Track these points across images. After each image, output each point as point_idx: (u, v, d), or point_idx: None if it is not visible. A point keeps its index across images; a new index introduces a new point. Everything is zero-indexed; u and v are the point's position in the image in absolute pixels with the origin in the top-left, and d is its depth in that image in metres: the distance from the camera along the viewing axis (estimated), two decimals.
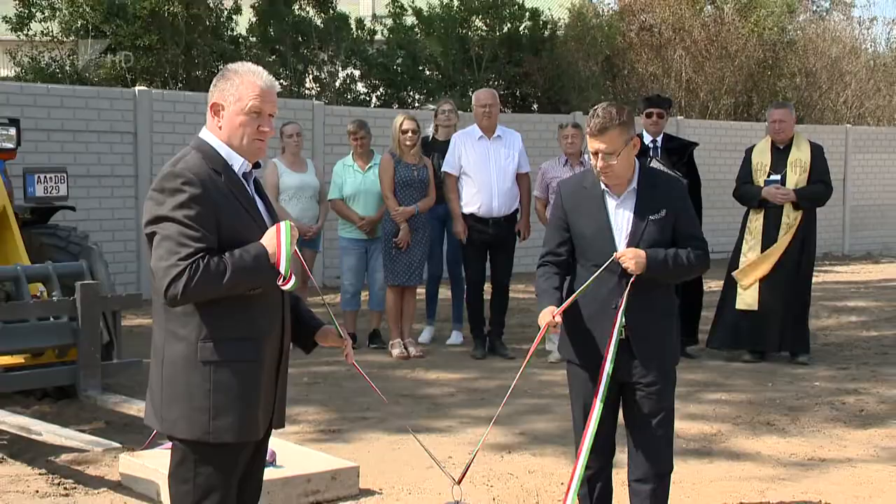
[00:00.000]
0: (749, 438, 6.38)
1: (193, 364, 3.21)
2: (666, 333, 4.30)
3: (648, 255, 4.15)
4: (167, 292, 3.12)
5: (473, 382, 7.93)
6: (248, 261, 3.18)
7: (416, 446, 6.08)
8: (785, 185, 8.38)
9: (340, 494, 5.05)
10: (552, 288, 4.32)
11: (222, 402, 3.21)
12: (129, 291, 9.47)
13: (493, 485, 5.33)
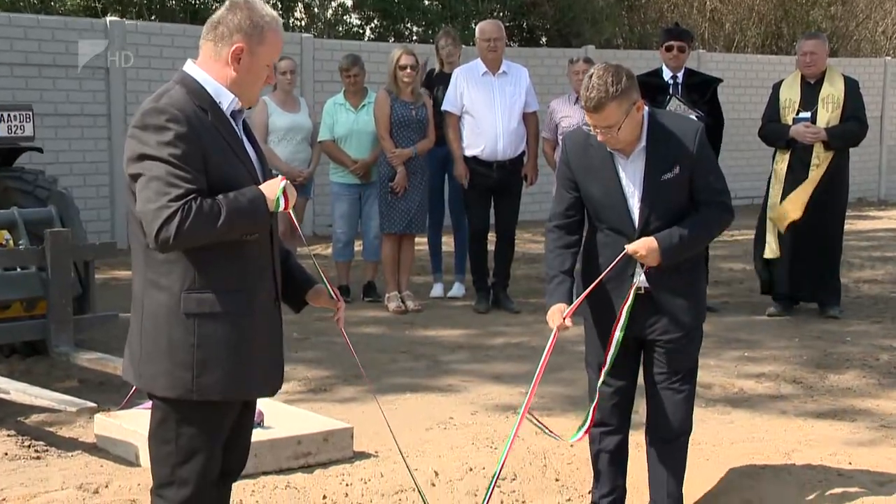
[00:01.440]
0: (773, 398, 6.43)
1: (176, 316, 3.23)
2: (691, 288, 4.32)
3: (661, 244, 4.13)
4: (158, 236, 3.13)
5: (476, 338, 7.97)
6: (244, 204, 3.19)
7: (415, 406, 6.17)
8: (815, 123, 8.36)
9: (333, 457, 5.11)
10: (561, 273, 4.30)
11: (207, 358, 3.23)
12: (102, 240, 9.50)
13: (497, 447, 5.38)
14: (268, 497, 4.59)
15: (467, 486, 5.00)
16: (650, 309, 4.27)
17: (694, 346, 4.37)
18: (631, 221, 4.21)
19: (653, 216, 4.18)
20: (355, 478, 4.91)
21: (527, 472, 5.15)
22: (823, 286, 8.56)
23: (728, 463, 5.11)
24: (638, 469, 4.72)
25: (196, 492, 3.31)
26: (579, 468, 5.23)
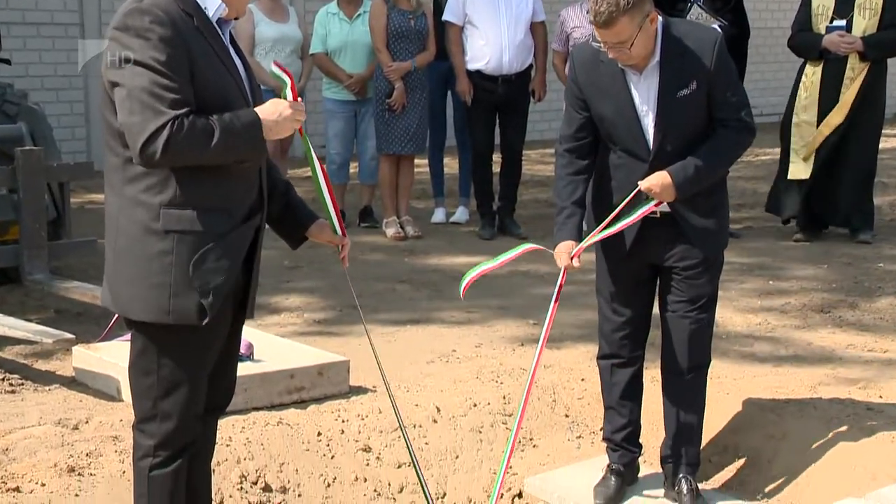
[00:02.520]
0: (799, 328, 6.45)
1: (154, 234, 3.22)
2: (713, 210, 4.30)
3: (675, 178, 4.10)
4: (144, 150, 3.11)
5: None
6: (239, 127, 3.18)
7: (416, 338, 6.19)
8: (851, 31, 8.27)
9: (328, 392, 5.14)
10: (571, 204, 4.27)
11: (185, 279, 3.24)
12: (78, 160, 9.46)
13: (503, 381, 5.41)
14: (258, 434, 4.63)
15: (471, 422, 5.04)
16: (668, 234, 4.25)
17: (714, 273, 4.36)
18: (645, 143, 4.18)
19: (668, 137, 4.15)
20: (352, 414, 4.94)
21: (534, 407, 5.18)
22: (855, 208, 8.54)
23: (750, 397, 5.14)
24: (653, 404, 4.75)
25: (180, 426, 3.33)
26: (590, 403, 5.27)
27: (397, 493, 4.69)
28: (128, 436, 4.31)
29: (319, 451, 4.69)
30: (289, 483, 4.50)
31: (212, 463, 3.71)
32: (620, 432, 4.55)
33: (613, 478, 4.56)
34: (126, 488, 4.01)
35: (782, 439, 4.83)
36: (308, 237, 3.66)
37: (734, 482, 4.79)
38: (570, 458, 5.00)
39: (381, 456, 4.78)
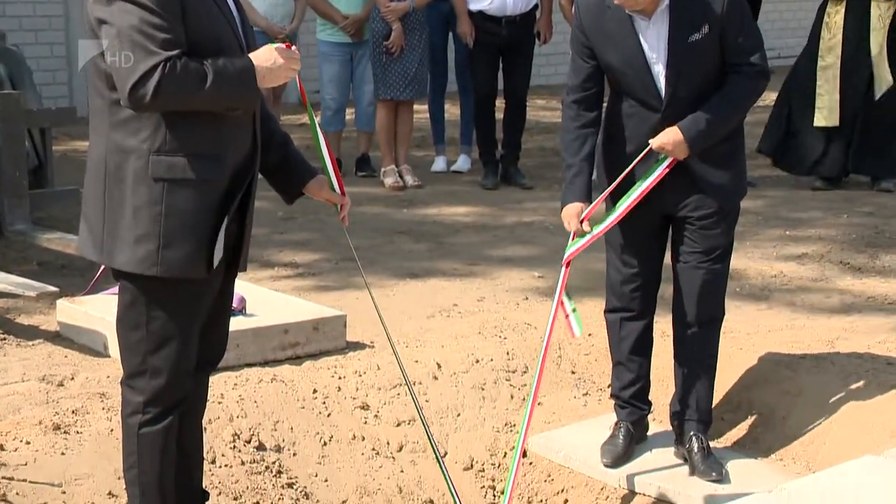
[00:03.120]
0: (817, 280, 6.47)
1: (143, 181, 3.23)
2: (730, 157, 4.30)
3: (687, 134, 4.10)
4: (133, 92, 3.11)
5: (483, 217, 7.99)
6: (232, 72, 3.19)
7: (416, 292, 6.21)
8: None
9: (324, 348, 5.16)
10: (579, 161, 4.26)
11: (175, 229, 3.24)
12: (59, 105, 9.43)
13: (506, 336, 5.43)
14: (252, 391, 4.65)
15: (473, 378, 5.07)
16: (682, 183, 4.25)
17: (730, 224, 4.37)
18: (657, 92, 4.17)
19: (681, 85, 4.14)
20: (348, 370, 4.96)
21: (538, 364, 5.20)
22: (877, 156, 8.52)
23: (764, 352, 5.16)
24: (663, 360, 4.77)
25: (170, 382, 3.36)
26: (597, 360, 5.29)
27: (396, 451, 4.72)
28: (115, 392, 4.34)
29: (315, 408, 4.71)
30: (283, 442, 4.53)
31: (203, 421, 3.73)
32: (629, 389, 4.58)
33: (621, 436, 4.60)
34: (114, 446, 4.04)
35: (798, 396, 4.86)
36: (305, 193, 3.65)
37: (747, 440, 4.82)
38: (577, 415, 5.03)
39: (380, 414, 4.80)
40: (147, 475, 3.42)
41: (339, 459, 4.59)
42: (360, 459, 4.62)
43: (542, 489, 4.75)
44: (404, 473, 4.66)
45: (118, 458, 3.69)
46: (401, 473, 4.65)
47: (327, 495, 4.45)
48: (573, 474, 4.70)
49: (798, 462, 4.63)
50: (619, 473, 4.55)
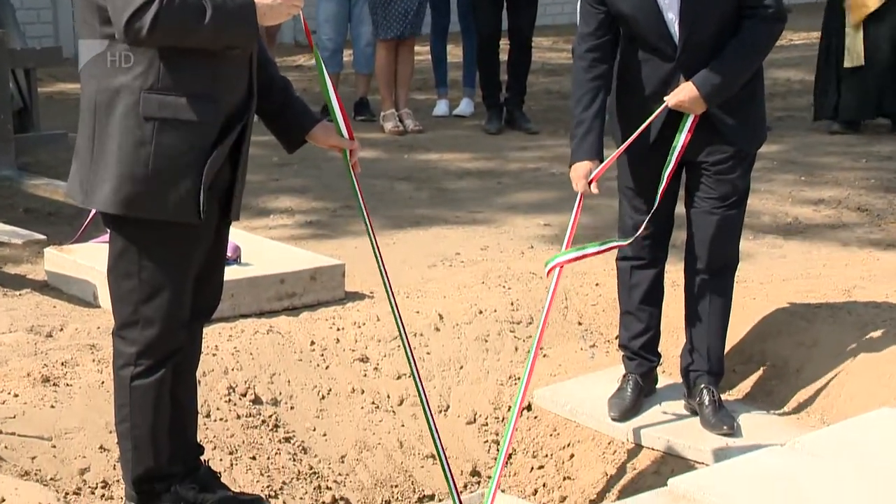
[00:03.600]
0: (834, 227, 6.48)
1: (133, 120, 3.23)
2: (747, 103, 4.27)
3: (702, 89, 4.09)
4: (130, 25, 3.10)
5: (487, 163, 7.99)
6: (232, 7, 3.18)
7: (417, 241, 6.23)
8: None
9: (322, 298, 5.18)
10: (591, 116, 4.23)
11: (163, 171, 3.24)
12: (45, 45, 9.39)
13: (510, 287, 5.44)
14: (247, 343, 4.67)
15: (476, 330, 5.09)
16: (698, 126, 4.23)
17: (746, 168, 4.37)
18: (670, 39, 4.15)
19: (695, 31, 4.12)
20: (347, 322, 4.98)
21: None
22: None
23: (779, 302, 5.17)
24: (673, 310, 4.78)
25: (163, 332, 3.37)
26: (605, 310, 5.31)
27: (397, 405, 4.74)
28: (106, 344, 4.36)
29: (313, 361, 4.74)
30: (280, 395, 4.55)
31: (197, 373, 3.76)
32: (638, 339, 4.59)
33: (629, 389, 4.62)
34: (105, 399, 4.06)
35: (813, 346, 4.87)
36: (309, 141, 3.64)
37: (760, 393, 4.84)
38: (583, 368, 5.05)
39: (380, 366, 4.83)
40: (140, 429, 3.45)
41: (337, 413, 4.62)
42: (359, 413, 4.65)
43: (546, 444, 4.78)
44: (405, 428, 4.68)
45: (110, 411, 3.71)
46: (401, 428, 4.68)
47: (325, 450, 4.48)
48: (579, 428, 4.72)
49: (812, 415, 4.66)
50: (626, 427, 4.57)
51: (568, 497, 4.64)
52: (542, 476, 4.73)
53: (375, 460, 4.54)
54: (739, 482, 3.61)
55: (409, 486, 4.56)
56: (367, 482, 4.47)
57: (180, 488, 3.56)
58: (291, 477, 4.31)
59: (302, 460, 4.39)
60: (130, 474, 3.50)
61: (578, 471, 4.68)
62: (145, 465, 3.47)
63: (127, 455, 3.50)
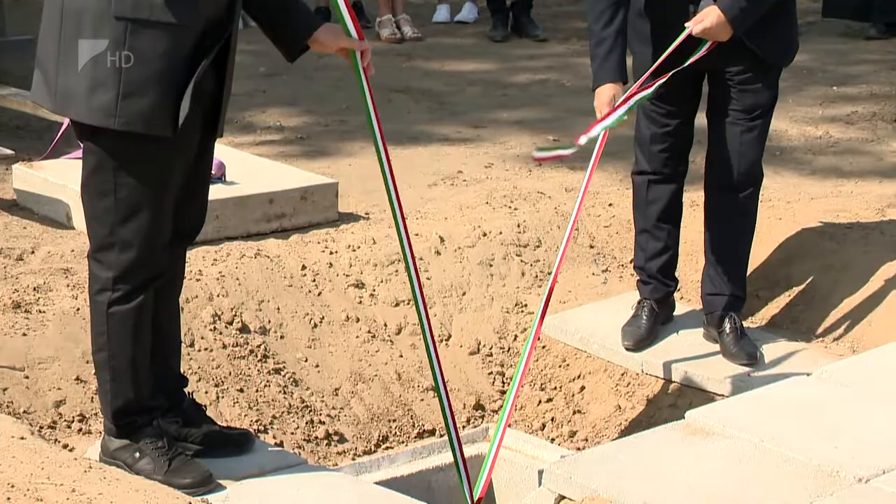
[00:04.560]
0: (867, 141, 6.46)
1: (105, 20, 3.22)
2: (777, 15, 4.25)
3: (728, 13, 4.07)
4: None
5: (492, 74, 7.96)
6: None
7: (416, 158, 6.22)
8: None
9: (313, 219, 5.19)
10: (613, 32, 4.19)
11: (137, 77, 3.24)
12: None
13: (517, 207, 5.45)
14: (233, 267, 4.69)
15: (480, 253, 5.10)
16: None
17: (773, 79, 4.37)
18: None
19: None
20: (341, 245, 5.00)
21: (554, 237, 5.23)
22: None
23: (806, 222, 5.18)
24: (692, 232, 4.81)
25: (142, 256, 3.38)
26: (619, 232, 5.32)
27: (394, 334, 4.78)
28: (80, 268, 4.38)
29: (304, 287, 4.76)
30: (269, 323, 4.58)
31: (180, 300, 3.78)
32: (655, 261, 4.60)
33: (644, 316, 4.64)
34: (81, 327, 4.10)
35: (842, 270, 4.89)
36: (312, 47, 3.58)
37: (785, 320, 4.87)
38: (595, 294, 5.07)
39: (376, 292, 4.85)
40: (118, 359, 3.47)
41: (330, 343, 4.65)
42: (354, 343, 4.68)
43: (555, 375, 4.81)
44: (403, 358, 4.72)
45: (86, 339, 3.74)
46: (399, 358, 4.72)
47: (318, 382, 4.52)
48: (591, 359, 4.76)
49: (841, 343, 4.69)
50: (641, 357, 4.61)
51: (578, 432, 4.68)
52: (550, 410, 4.77)
53: (371, 393, 4.58)
54: (762, 414, 3.65)
55: (408, 421, 4.61)
56: (363, 416, 4.52)
57: (162, 422, 3.59)
58: (282, 411, 4.35)
59: (293, 393, 4.43)
60: (109, 407, 3.53)
61: (589, 404, 4.72)
62: (125, 397, 3.50)
63: (105, 387, 3.52)
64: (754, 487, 3.26)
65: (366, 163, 6.12)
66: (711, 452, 3.49)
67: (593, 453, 3.75)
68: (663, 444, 3.59)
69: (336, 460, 4.36)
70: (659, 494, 3.24)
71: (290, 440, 4.28)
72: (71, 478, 3.23)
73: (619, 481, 3.32)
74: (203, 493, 3.48)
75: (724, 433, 3.56)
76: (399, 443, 4.57)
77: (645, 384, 4.59)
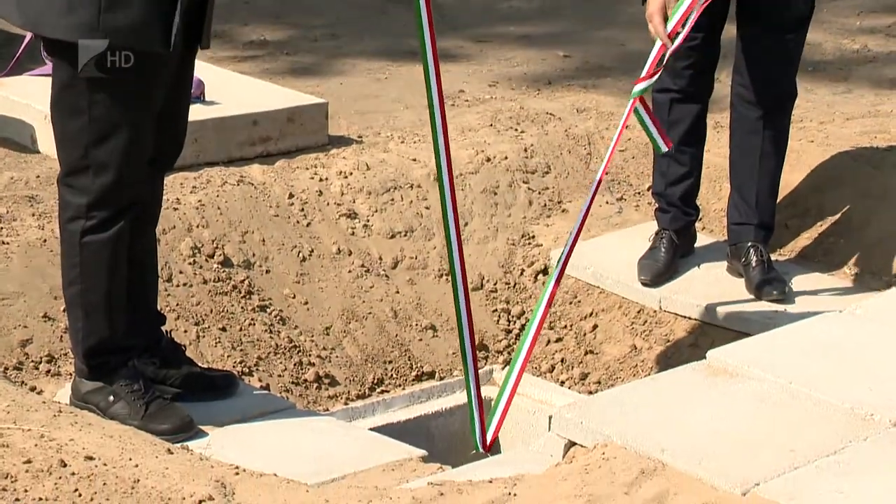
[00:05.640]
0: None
1: None
2: None
3: None
4: None
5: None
6: None
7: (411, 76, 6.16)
8: None
9: (301, 143, 5.18)
10: None
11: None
12: None
13: (524, 130, 5.45)
14: (214, 195, 4.70)
15: (484, 180, 5.11)
16: None
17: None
18: None
19: None
20: (331, 171, 5.01)
21: (564, 162, 5.25)
22: None
23: (841, 145, 5.19)
24: (716, 157, 4.82)
25: (118, 180, 3.39)
26: (635, 157, 5.33)
27: (390, 268, 4.79)
28: (47, 196, 4.39)
29: (292, 217, 4.78)
30: (254, 257, 4.60)
31: (157, 231, 3.80)
32: (675, 186, 4.61)
33: (663, 248, 4.66)
34: (49, 260, 4.12)
35: (881, 198, 4.90)
36: None
37: (817, 252, 4.89)
38: (609, 224, 5.09)
39: (370, 223, 4.87)
40: (92, 293, 3.50)
41: (321, 278, 4.67)
42: (346, 278, 4.70)
43: (566, 313, 4.84)
44: (400, 295, 4.75)
45: (54, 274, 3.76)
46: (396, 295, 4.75)
47: (307, 320, 4.55)
48: (604, 295, 4.79)
49: (878, 276, 4.71)
50: (659, 293, 4.64)
51: (590, 374, 4.72)
52: (559, 350, 4.81)
53: (365, 332, 4.61)
54: (790, 354, 3.66)
55: (405, 363, 4.65)
56: (356, 358, 4.55)
57: (138, 363, 3.63)
58: (268, 351, 4.39)
59: (280, 332, 4.46)
60: (81, 346, 3.56)
61: (602, 344, 4.76)
62: (98, 335, 3.53)
63: (77, 324, 3.56)
64: (782, 433, 3.28)
65: (358, 81, 6.12)
66: (735, 395, 3.50)
67: (606, 397, 3.76)
68: (683, 386, 3.60)
69: (327, 405, 4.40)
70: (678, 441, 3.25)
71: (277, 383, 4.32)
72: (39, 422, 3.26)
73: (634, 427, 3.33)
74: (183, 440, 3.52)
75: (749, 374, 3.56)
76: (395, 386, 4.61)
77: (663, 322, 4.62)
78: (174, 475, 3.04)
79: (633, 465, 3.04)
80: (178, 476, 3.03)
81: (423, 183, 5.01)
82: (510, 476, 3.15)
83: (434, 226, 4.91)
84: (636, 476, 2.98)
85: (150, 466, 3.08)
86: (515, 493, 2.96)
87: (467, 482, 3.11)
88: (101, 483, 2.94)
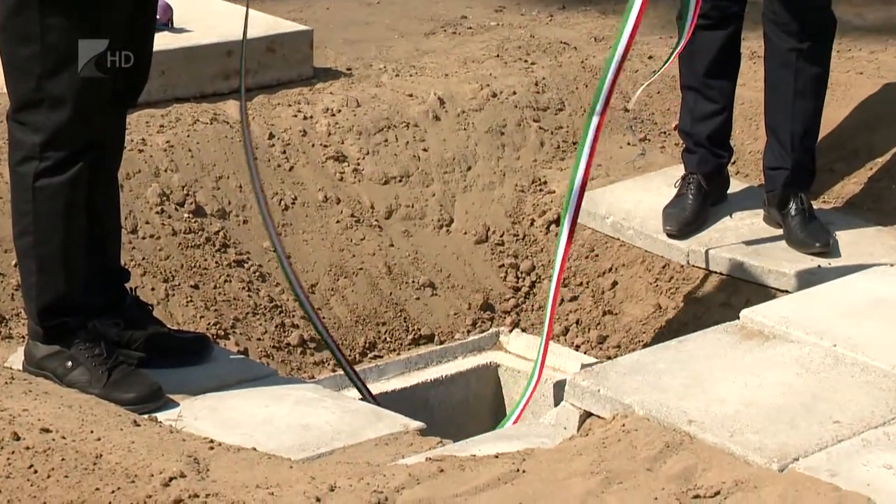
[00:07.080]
0: None
1: None
2: None
3: None
4: None
5: None
6: None
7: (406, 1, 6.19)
8: None
9: (283, 76, 5.18)
10: None
11: None
12: None
13: (534, 61, 5.45)
14: (184, 134, 4.70)
15: (490, 118, 5.11)
16: None
17: None
18: None
19: None
20: (317, 108, 5.01)
21: (580, 98, 5.26)
22: None
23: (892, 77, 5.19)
24: (750, 90, 4.82)
25: (76, 116, 3.39)
26: (660, 92, 5.33)
27: (383, 218, 4.80)
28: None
29: (272, 160, 4.78)
30: (229, 205, 4.60)
31: (119, 175, 3.79)
32: (704, 124, 4.61)
33: (691, 194, 4.66)
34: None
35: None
36: None
37: (865, 199, 4.89)
38: (630, 169, 5.10)
39: (360, 167, 4.87)
40: (46, 244, 3.49)
41: (306, 229, 4.68)
42: (334, 228, 4.71)
43: (582, 268, 4.84)
44: (395, 248, 4.77)
45: (4, 222, 3.76)
46: (390, 248, 4.76)
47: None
48: (625, 248, 4.80)
49: None
50: (687, 246, 4.65)
51: (609, 337, 4.73)
52: (575, 311, 4.82)
53: (356, 290, 4.62)
54: (834, 314, 3.66)
55: (401, 324, 4.67)
56: (346, 318, 4.57)
57: (99, 324, 3.62)
58: (246, 312, 4.40)
59: (259, 290, 4.48)
60: (34, 305, 3.56)
61: (623, 303, 4.77)
62: (54, 292, 3.52)
63: (29, 279, 3.55)
64: (824, 402, 3.28)
65: (347, 6, 6.11)
66: (772, 360, 3.50)
67: (627, 362, 3.76)
68: (713, 350, 3.61)
69: (312, 371, 4.42)
70: (707, 411, 3.25)
71: (256, 347, 4.34)
72: None
73: (658, 395, 3.33)
74: (150, 410, 3.52)
75: (788, 336, 3.57)
76: (390, 351, 4.63)
77: (691, 278, 4.62)
78: (141, 450, 3.03)
79: (657, 438, 3.04)
80: (145, 451, 3.03)
81: (419, 121, 5.01)
82: (518, 451, 3.15)
83: (432, 170, 4.91)
84: (660, 450, 2.98)
85: (113, 440, 3.07)
86: (524, 469, 2.96)
87: (470, 458, 3.11)
88: (59, 458, 2.93)
